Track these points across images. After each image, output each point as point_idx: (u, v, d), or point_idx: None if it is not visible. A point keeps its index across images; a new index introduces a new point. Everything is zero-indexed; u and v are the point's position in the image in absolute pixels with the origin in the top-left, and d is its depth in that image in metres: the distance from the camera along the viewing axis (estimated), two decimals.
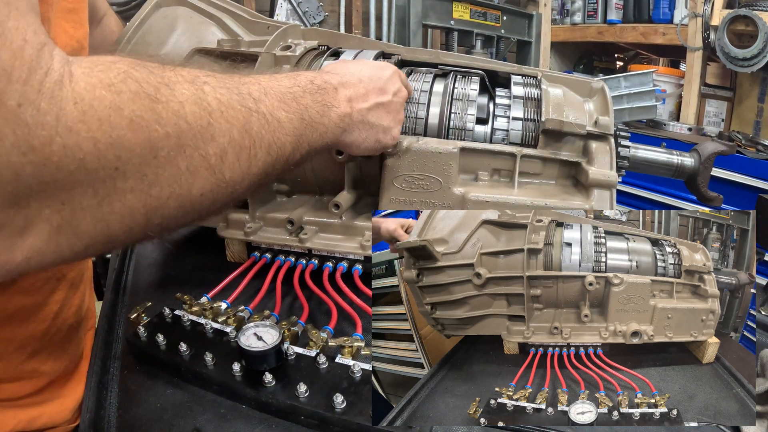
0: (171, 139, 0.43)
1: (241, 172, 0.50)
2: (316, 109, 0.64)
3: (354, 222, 0.95)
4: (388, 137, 0.79)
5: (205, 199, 0.48)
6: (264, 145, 0.53)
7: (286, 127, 0.57)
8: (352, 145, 0.75)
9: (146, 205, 0.43)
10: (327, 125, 0.66)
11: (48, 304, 0.74)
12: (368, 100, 0.74)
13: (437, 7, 2.73)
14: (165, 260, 1.09)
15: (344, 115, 0.70)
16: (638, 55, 3.74)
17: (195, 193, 0.46)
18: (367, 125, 0.75)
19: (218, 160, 0.47)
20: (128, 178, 0.41)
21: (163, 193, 0.43)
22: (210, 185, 0.47)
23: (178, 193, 0.44)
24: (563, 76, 1.06)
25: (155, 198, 0.43)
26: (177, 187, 0.44)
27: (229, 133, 0.48)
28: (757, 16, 2.39)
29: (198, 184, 0.46)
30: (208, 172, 0.46)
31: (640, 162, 1.00)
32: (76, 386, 0.83)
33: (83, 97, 0.38)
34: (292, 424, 0.66)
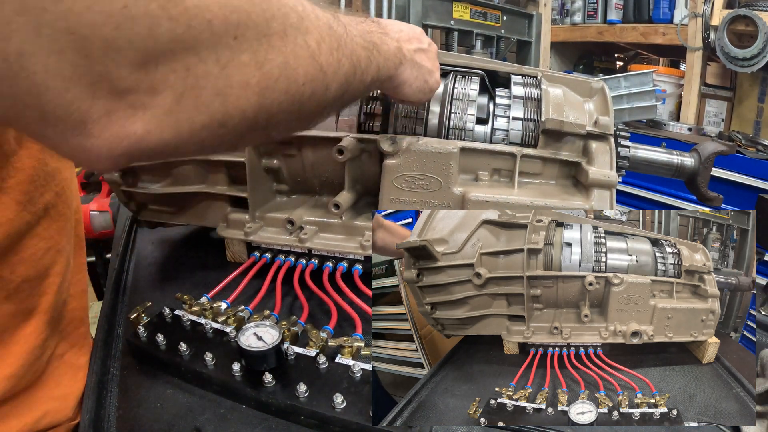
0: (277, 21, 0.44)
1: (335, 69, 0.53)
2: (378, 36, 0.66)
3: (354, 222, 0.95)
4: (432, 79, 0.81)
5: (307, 89, 0.49)
6: (348, 51, 0.56)
7: (358, 41, 0.59)
8: (406, 82, 0.76)
9: (259, 82, 0.44)
10: (388, 52, 0.68)
11: (49, 275, 0.74)
12: (412, 43, 0.77)
13: (437, 7, 2.73)
14: (165, 260, 1.09)
15: (398, 49, 0.72)
16: (638, 55, 3.74)
17: (300, 78, 0.48)
18: (416, 65, 0.77)
19: (317, 49, 0.49)
20: (244, 50, 0.42)
21: (274, 73, 0.45)
22: (311, 73, 0.49)
23: (286, 75, 0.46)
24: (563, 76, 1.06)
25: (266, 76, 0.44)
26: (284, 68, 0.46)
27: (320, 30, 0.50)
28: (757, 16, 2.39)
29: (302, 68, 0.48)
30: (310, 59, 0.48)
31: (640, 162, 1.00)
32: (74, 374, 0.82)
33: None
34: (292, 424, 0.67)
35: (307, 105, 0.51)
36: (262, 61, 0.43)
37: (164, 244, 1.14)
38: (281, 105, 0.47)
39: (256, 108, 0.45)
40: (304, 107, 0.51)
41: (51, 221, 0.73)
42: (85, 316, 0.88)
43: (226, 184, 1.03)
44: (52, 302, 0.75)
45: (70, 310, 0.83)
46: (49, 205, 0.73)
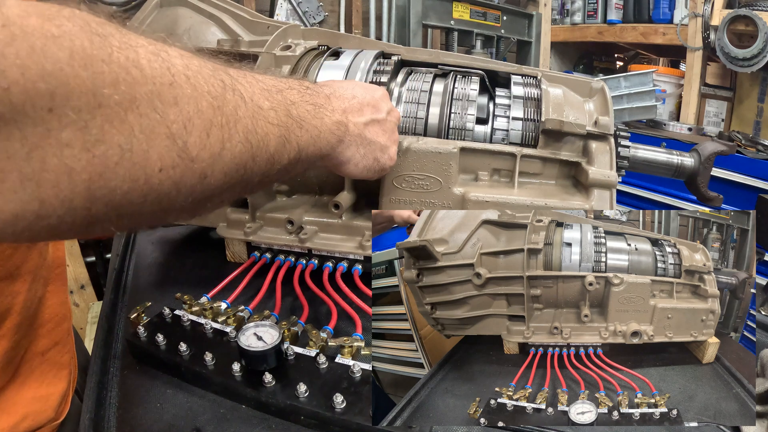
0: (121, 87, 0.35)
1: (212, 153, 0.42)
2: (306, 108, 0.58)
3: (354, 222, 0.95)
4: (385, 156, 0.76)
5: (167, 177, 0.39)
6: (240, 129, 0.45)
7: (268, 115, 0.50)
8: (350, 161, 0.70)
9: (89, 167, 0.34)
10: (320, 128, 0.61)
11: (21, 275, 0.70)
12: (363, 114, 0.71)
13: (437, 7, 2.73)
14: (165, 260, 1.09)
15: (339, 123, 0.65)
16: (638, 55, 3.74)
17: (153, 165, 0.38)
18: (365, 141, 0.71)
19: (181, 128, 0.39)
20: (65, 126, 0.33)
21: (111, 155, 0.35)
22: (171, 159, 0.39)
23: (130, 159, 0.36)
24: (563, 76, 1.06)
25: (100, 160, 0.35)
26: (128, 150, 0.36)
27: (196, 102, 0.40)
28: (757, 16, 2.39)
29: (155, 152, 0.38)
30: (169, 140, 0.38)
31: (640, 162, 1.00)
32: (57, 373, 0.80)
33: (14, 21, 0.31)
34: (291, 424, 0.67)
35: (174, 197, 0.41)
36: (93, 141, 0.34)
37: (164, 244, 1.14)
38: (129, 196, 0.38)
39: (87, 199, 0.35)
40: (169, 200, 0.41)
41: None
42: (67, 311, 0.85)
43: None
44: (24, 302, 0.72)
45: (49, 306, 0.80)
46: None
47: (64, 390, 0.81)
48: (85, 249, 2.51)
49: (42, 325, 0.79)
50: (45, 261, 0.78)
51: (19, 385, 0.74)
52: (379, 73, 0.96)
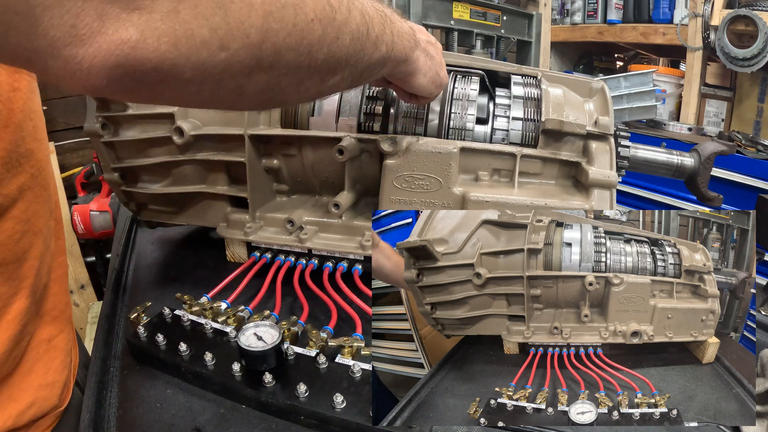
0: None
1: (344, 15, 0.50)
2: (389, 11, 0.63)
3: (354, 222, 0.95)
4: (443, 72, 0.79)
5: (316, 27, 0.46)
6: (359, 6, 0.53)
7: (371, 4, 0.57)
8: (420, 71, 0.73)
9: (264, 4, 0.41)
10: (401, 30, 0.65)
11: (28, 259, 0.73)
12: (423, 34, 0.75)
13: (437, 7, 2.73)
14: (165, 260, 1.09)
15: (411, 33, 0.69)
16: (638, 55, 3.74)
17: (308, 13, 0.45)
18: (429, 55, 0.74)
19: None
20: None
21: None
22: (320, 10, 0.47)
23: (293, 3, 0.44)
24: (563, 76, 1.06)
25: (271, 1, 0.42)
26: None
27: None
28: (757, 16, 2.39)
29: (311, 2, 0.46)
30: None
31: (640, 162, 1.00)
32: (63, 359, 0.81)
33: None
34: (292, 424, 0.67)
35: (317, 50, 0.48)
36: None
37: (164, 244, 1.14)
38: (288, 40, 0.44)
39: (261, 33, 0.42)
40: (314, 53, 0.48)
41: (27, 204, 0.72)
42: (67, 300, 0.87)
43: (226, 184, 1.03)
44: (32, 286, 0.73)
45: (53, 294, 0.82)
46: (24, 187, 0.71)
47: (67, 377, 0.83)
48: (85, 249, 2.51)
49: (47, 312, 0.80)
50: (49, 249, 0.79)
51: (26, 372, 0.75)
52: None
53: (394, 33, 0.62)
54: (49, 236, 0.79)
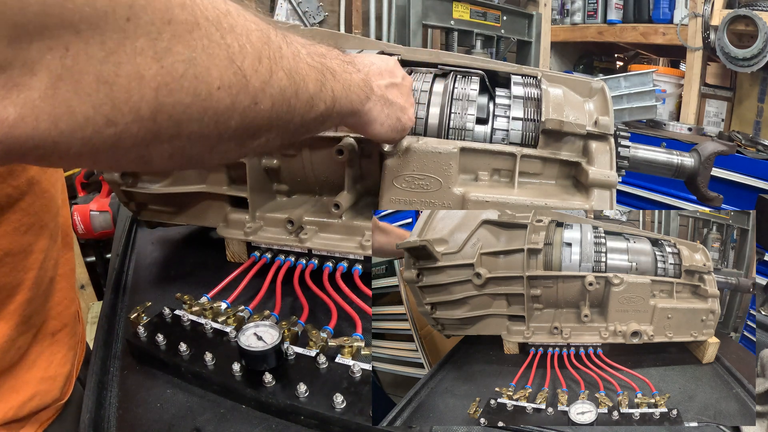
0: (187, 8, 0.39)
1: (263, 80, 0.46)
2: (336, 62, 0.61)
3: (354, 222, 0.95)
4: (406, 117, 0.78)
5: (224, 96, 0.43)
6: (285, 65, 0.49)
7: (307, 60, 0.53)
8: (376, 121, 0.72)
9: (158, 77, 0.38)
10: (350, 82, 0.63)
11: (33, 252, 0.73)
12: (384, 78, 0.74)
13: (437, 7, 2.73)
14: (165, 260, 1.09)
15: (364, 82, 0.67)
16: (638, 55, 3.74)
17: (213, 81, 0.42)
18: (387, 102, 0.73)
19: (238, 52, 0.43)
20: (139, 35, 0.37)
21: (177, 68, 0.39)
22: (229, 77, 0.43)
23: (194, 73, 0.40)
24: (563, 76, 1.06)
25: (167, 71, 0.39)
26: (192, 65, 0.40)
27: (248, 33, 0.45)
28: (757, 16, 2.39)
29: (216, 70, 0.42)
30: (228, 60, 0.43)
31: (640, 162, 1.00)
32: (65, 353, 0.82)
33: None
34: (292, 424, 0.67)
35: (227, 119, 0.45)
36: (162, 52, 0.38)
37: (164, 244, 1.14)
38: (189, 111, 0.41)
39: (154, 107, 0.39)
40: (223, 121, 0.44)
41: (35, 197, 0.72)
42: (74, 296, 0.88)
43: (226, 184, 1.03)
44: (35, 278, 0.74)
45: (60, 289, 0.82)
46: (33, 180, 0.71)
47: (69, 371, 0.83)
48: (85, 249, 2.51)
49: (53, 307, 0.81)
50: (56, 243, 0.80)
51: (30, 364, 0.76)
52: None
53: (336, 89, 0.59)
54: (56, 231, 0.80)
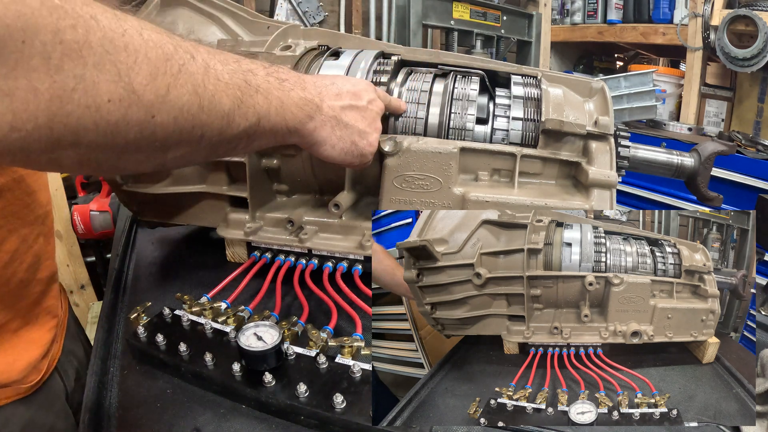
0: (78, 30, 0.43)
1: (157, 95, 0.48)
2: (268, 80, 0.61)
3: (354, 222, 0.95)
4: (364, 142, 0.76)
5: (115, 108, 0.46)
6: (189, 81, 0.51)
7: (221, 76, 0.54)
8: (325, 142, 0.71)
9: (50, 90, 0.42)
10: (284, 100, 0.63)
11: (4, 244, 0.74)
12: (341, 99, 0.72)
13: (437, 7, 2.73)
14: (165, 260, 1.09)
15: (308, 100, 0.66)
16: (638, 55, 3.74)
17: (102, 95, 0.45)
18: (341, 123, 0.72)
19: (127, 68, 0.46)
20: (33, 55, 0.41)
21: (68, 82, 0.43)
22: (118, 92, 0.46)
23: (83, 88, 0.43)
24: (563, 76, 1.06)
25: (59, 85, 0.42)
26: (81, 80, 0.43)
27: (145, 51, 0.47)
28: (757, 16, 2.39)
29: (104, 85, 0.45)
30: (116, 76, 0.45)
31: (640, 162, 1.00)
32: (27, 349, 0.81)
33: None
34: (292, 424, 0.67)
35: (123, 130, 0.47)
36: (54, 69, 0.42)
37: (164, 244, 1.14)
38: (83, 121, 0.44)
39: (48, 117, 0.43)
40: (120, 132, 0.47)
41: (5, 203, 0.74)
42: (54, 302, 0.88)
43: (226, 184, 1.03)
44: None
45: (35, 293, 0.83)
46: (4, 188, 0.74)
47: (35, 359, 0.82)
48: (85, 249, 2.51)
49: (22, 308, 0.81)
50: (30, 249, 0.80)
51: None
52: (379, 73, 0.96)
53: (260, 106, 0.59)
54: (32, 238, 0.81)
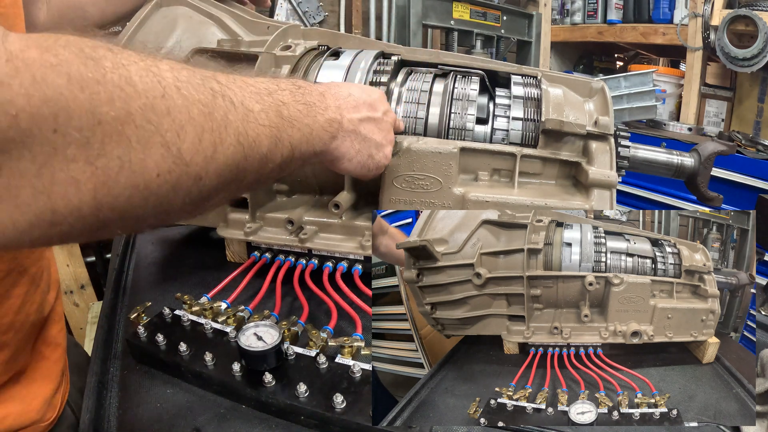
0: (116, 104, 0.38)
1: (205, 157, 0.45)
2: (298, 108, 0.60)
3: (354, 222, 0.95)
4: (380, 154, 0.76)
5: (164, 182, 0.42)
6: (232, 132, 0.48)
7: (259, 117, 0.52)
8: (344, 156, 0.71)
9: (93, 178, 0.38)
10: (312, 126, 0.62)
11: (10, 297, 0.71)
12: (359, 111, 0.71)
13: (437, 7, 2.73)
14: (165, 260, 1.09)
15: (332, 120, 0.66)
16: (638, 55, 3.74)
17: (150, 172, 0.41)
18: (360, 137, 0.71)
19: (174, 136, 0.42)
20: (69, 143, 0.36)
21: (112, 166, 0.38)
22: (167, 164, 0.42)
23: (129, 168, 0.39)
24: (563, 76, 1.06)
25: (102, 171, 0.38)
26: (127, 161, 0.39)
27: (188, 110, 0.43)
28: (757, 16, 2.39)
29: (152, 160, 0.41)
30: (163, 148, 0.41)
31: (640, 162, 1.00)
32: (41, 385, 0.79)
33: (16, 55, 0.34)
34: (292, 424, 0.67)
35: (173, 198, 0.44)
36: (94, 155, 0.38)
37: (164, 244, 1.14)
38: (131, 201, 0.41)
39: (94, 206, 0.39)
40: (169, 201, 0.44)
41: None
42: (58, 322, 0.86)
43: None
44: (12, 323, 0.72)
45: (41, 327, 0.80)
46: None
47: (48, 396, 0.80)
48: (85, 249, 2.51)
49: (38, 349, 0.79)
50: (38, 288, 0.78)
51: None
52: (379, 73, 0.96)
53: (294, 139, 0.58)
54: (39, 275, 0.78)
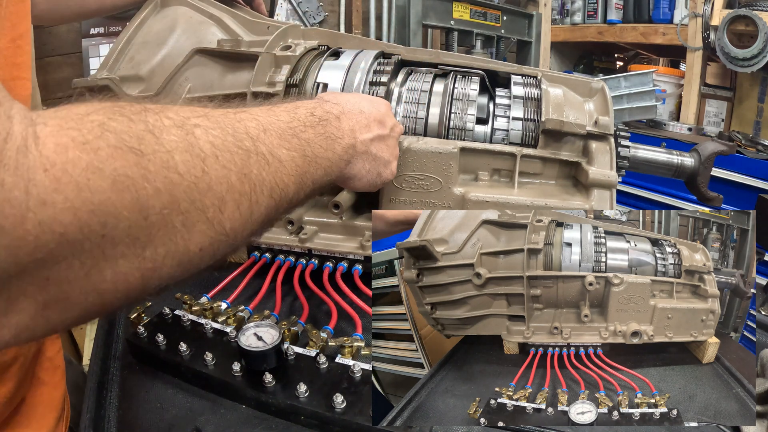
0: (162, 195, 0.38)
1: (243, 221, 0.46)
2: (320, 144, 0.60)
3: (354, 222, 0.95)
4: (387, 171, 0.78)
5: (205, 253, 0.44)
6: (266, 189, 0.49)
7: (288, 166, 0.53)
8: (354, 177, 0.72)
9: (141, 268, 0.39)
10: (331, 159, 0.63)
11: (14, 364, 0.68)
12: (371, 130, 0.72)
13: (437, 7, 2.73)
14: None
15: (348, 147, 0.67)
16: (638, 55, 3.74)
17: (193, 249, 0.42)
18: (370, 157, 0.72)
19: (216, 212, 0.43)
20: (117, 244, 0.36)
21: (158, 254, 0.39)
22: (209, 239, 0.43)
23: (174, 251, 0.41)
24: (563, 76, 1.06)
25: (150, 260, 0.39)
26: (173, 245, 0.40)
27: (227, 179, 0.44)
28: (757, 16, 2.39)
29: (196, 239, 0.42)
30: (206, 225, 0.42)
31: (640, 162, 1.00)
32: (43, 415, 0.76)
33: (54, 161, 0.33)
34: (292, 424, 0.67)
35: (209, 262, 0.46)
36: (142, 248, 0.38)
37: None
38: (174, 275, 0.42)
39: (142, 289, 0.40)
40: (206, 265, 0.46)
41: None
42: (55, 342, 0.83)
43: None
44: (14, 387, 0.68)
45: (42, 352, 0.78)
46: None
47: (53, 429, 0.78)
48: None
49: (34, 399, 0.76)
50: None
51: None
52: (379, 73, 0.96)
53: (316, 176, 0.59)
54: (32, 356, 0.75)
